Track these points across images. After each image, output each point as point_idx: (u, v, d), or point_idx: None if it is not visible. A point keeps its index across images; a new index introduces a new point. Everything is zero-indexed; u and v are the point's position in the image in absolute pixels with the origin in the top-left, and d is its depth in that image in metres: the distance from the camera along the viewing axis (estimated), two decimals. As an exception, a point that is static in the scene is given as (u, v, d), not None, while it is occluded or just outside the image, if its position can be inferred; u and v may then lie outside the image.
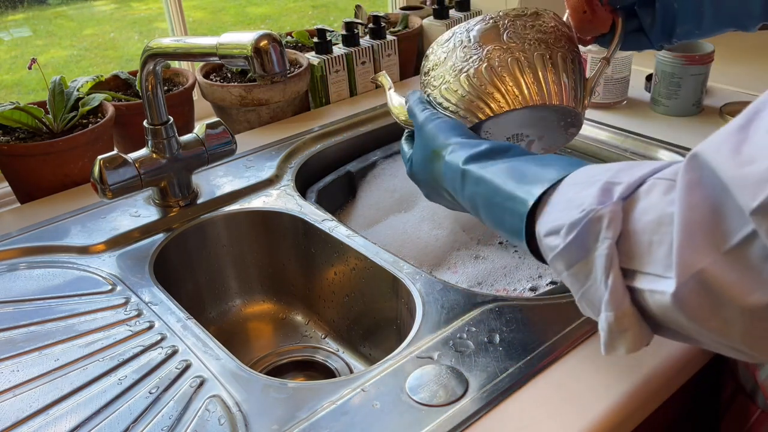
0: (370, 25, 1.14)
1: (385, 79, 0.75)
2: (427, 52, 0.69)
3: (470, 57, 0.64)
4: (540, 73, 0.63)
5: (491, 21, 0.66)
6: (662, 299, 0.38)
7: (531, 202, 0.47)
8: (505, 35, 0.65)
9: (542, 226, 0.46)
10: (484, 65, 0.63)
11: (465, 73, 0.64)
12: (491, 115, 0.63)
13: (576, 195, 0.44)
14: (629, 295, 0.41)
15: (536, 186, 0.48)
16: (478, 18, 0.67)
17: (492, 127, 0.65)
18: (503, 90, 0.63)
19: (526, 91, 0.63)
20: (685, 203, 0.36)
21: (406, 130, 0.69)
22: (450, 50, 0.66)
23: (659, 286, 0.38)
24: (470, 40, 0.65)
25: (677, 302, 0.37)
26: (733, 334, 0.37)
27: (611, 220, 0.40)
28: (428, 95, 0.66)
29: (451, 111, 0.64)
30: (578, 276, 0.44)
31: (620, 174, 0.42)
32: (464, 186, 0.55)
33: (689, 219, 0.36)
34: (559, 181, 0.47)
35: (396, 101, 0.71)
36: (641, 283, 0.40)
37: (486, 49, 0.64)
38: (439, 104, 0.65)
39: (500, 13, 0.66)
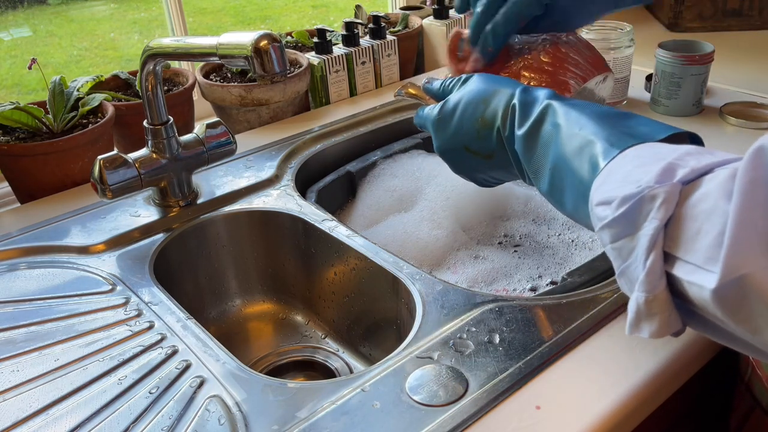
0: (370, 25, 1.14)
1: (415, 88, 0.72)
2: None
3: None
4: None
5: None
6: (700, 293, 0.37)
7: (617, 152, 0.46)
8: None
9: (596, 194, 0.45)
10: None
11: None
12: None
13: (636, 169, 0.42)
14: (666, 280, 0.40)
15: (631, 138, 0.46)
16: None
17: None
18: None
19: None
20: (744, 200, 0.35)
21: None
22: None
23: (698, 278, 0.37)
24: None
25: (717, 299, 0.36)
26: (766, 341, 0.36)
27: (665, 200, 0.39)
28: None
29: None
30: (621, 251, 0.42)
31: (687, 157, 0.41)
32: (539, 121, 0.53)
33: (746, 218, 0.34)
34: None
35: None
36: (679, 272, 0.39)
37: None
38: None
39: None
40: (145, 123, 0.76)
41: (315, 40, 1.09)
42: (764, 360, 0.40)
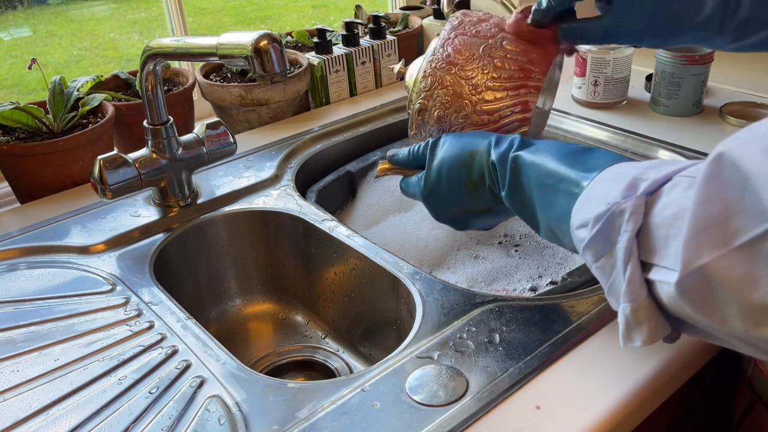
0: (370, 25, 1.14)
1: (385, 163, 0.71)
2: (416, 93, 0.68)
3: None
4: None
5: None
6: (668, 290, 0.39)
7: (585, 183, 0.49)
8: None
9: (575, 219, 0.48)
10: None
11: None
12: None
13: (607, 190, 0.45)
14: (647, 288, 0.42)
15: (591, 172, 0.49)
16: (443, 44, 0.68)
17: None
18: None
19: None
20: (700, 196, 0.36)
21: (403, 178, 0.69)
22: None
23: (665, 277, 0.39)
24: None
25: (681, 293, 0.38)
26: (736, 329, 0.37)
27: (632, 213, 0.42)
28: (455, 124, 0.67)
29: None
30: (605, 269, 0.45)
31: (648, 171, 0.43)
32: (514, 179, 0.55)
33: (702, 212, 0.36)
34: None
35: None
36: (655, 275, 0.41)
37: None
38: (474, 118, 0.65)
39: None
40: (145, 123, 0.76)
41: (315, 40, 1.09)
42: (749, 353, 0.41)
